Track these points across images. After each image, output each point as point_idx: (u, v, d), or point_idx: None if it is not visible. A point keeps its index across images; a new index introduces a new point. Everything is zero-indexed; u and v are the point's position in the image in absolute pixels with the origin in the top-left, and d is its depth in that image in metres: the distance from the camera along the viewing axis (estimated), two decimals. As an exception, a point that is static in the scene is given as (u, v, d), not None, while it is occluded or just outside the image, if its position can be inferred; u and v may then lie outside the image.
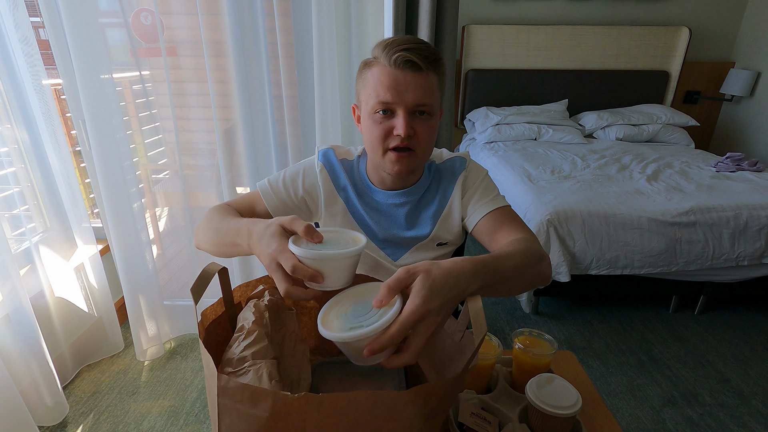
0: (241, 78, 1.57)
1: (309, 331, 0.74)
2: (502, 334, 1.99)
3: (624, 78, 3.12)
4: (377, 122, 0.77)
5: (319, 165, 0.89)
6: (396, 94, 0.74)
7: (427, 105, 0.75)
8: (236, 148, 1.73)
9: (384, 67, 0.74)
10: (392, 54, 0.72)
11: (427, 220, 0.89)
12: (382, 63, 0.74)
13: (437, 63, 0.76)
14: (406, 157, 0.78)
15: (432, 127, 0.79)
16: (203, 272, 0.55)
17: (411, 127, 0.75)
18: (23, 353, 1.40)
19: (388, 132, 0.77)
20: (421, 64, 0.72)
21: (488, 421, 0.65)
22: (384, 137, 0.77)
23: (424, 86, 0.74)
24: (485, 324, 0.50)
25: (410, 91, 0.74)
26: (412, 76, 0.73)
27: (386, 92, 0.74)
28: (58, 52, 1.41)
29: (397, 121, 0.75)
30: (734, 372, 1.78)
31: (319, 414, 0.45)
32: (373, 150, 0.80)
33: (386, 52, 0.73)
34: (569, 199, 1.96)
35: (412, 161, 0.79)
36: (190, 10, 1.53)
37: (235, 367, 0.52)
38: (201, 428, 1.51)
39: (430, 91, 0.75)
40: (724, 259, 1.91)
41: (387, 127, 0.77)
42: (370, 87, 0.76)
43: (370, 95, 0.76)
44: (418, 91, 0.74)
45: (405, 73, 0.73)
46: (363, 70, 0.79)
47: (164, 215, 1.98)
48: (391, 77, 0.74)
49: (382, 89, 0.74)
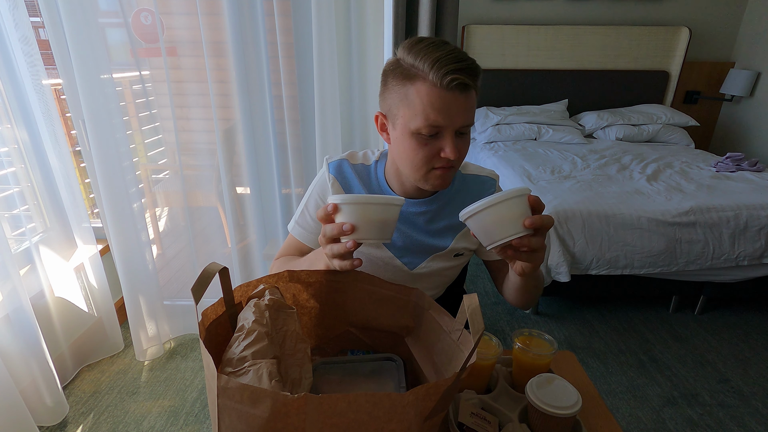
0: (241, 78, 1.57)
1: (309, 330, 0.74)
2: (502, 334, 1.99)
3: (624, 78, 3.12)
4: (422, 144, 0.73)
5: (331, 178, 0.87)
6: (447, 117, 0.70)
7: (470, 124, 0.73)
8: (236, 148, 1.73)
9: (433, 87, 0.68)
10: (443, 74, 0.67)
11: (448, 232, 0.88)
12: (430, 81, 0.68)
13: (479, 77, 0.71)
14: (450, 173, 0.77)
15: (468, 142, 0.77)
16: (204, 272, 0.55)
17: (458, 148, 0.73)
18: (23, 353, 1.40)
19: (435, 154, 0.73)
20: (471, 84, 0.69)
21: (488, 421, 0.65)
22: (430, 159, 0.74)
23: (471, 106, 0.72)
24: (482, 322, 0.50)
25: (461, 114, 0.70)
26: (463, 98, 0.69)
27: (437, 116, 0.69)
28: (58, 52, 1.41)
29: (446, 145, 0.72)
30: (734, 372, 1.78)
31: (319, 415, 0.45)
32: (415, 169, 0.76)
33: (436, 70, 0.67)
34: (569, 199, 1.96)
35: (453, 175, 0.79)
36: (190, 10, 1.53)
37: (235, 367, 0.52)
38: (201, 428, 1.51)
39: (472, 109, 0.73)
40: (724, 259, 1.91)
41: (434, 150, 0.73)
42: (416, 107, 0.70)
43: (416, 115, 0.70)
44: (468, 112, 0.71)
45: (455, 95, 0.69)
46: (403, 84, 0.72)
47: (164, 215, 1.98)
48: (443, 100, 0.69)
49: (433, 112, 0.69)
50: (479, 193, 0.88)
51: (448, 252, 0.88)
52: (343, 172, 0.88)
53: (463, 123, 0.71)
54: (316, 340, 0.76)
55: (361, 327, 0.74)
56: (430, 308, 0.67)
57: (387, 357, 0.71)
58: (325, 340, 0.76)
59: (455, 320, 0.62)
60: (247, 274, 1.89)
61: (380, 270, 0.89)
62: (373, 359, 0.71)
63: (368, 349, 0.77)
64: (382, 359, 0.70)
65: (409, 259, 0.89)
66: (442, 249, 0.88)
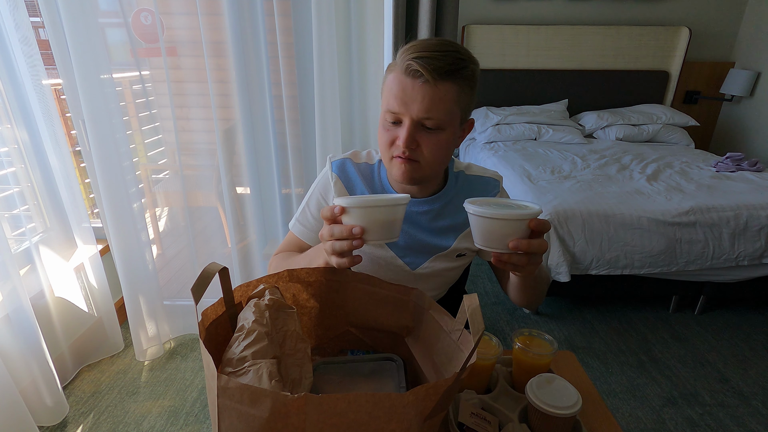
0: (241, 78, 1.57)
1: (309, 330, 0.74)
2: (502, 334, 1.99)
3: (624, 78, 3.12)
4: (385, 129, 0.76)
5: (334, 177, 0.87)
6: (402, 104, 0.71)
7: (434, 119, 0.71)
8: (236, 148, 1.73)
9: (398, 73, 0.71)
10: (405, 60, 0.69)
11: (450, 232, 0.87)
12: (398, 69, 0.71)
13: (456, 73, 0.69)
14: (408, 165, 0.76)
15: (440, 141, 0.74)
16: (204, 272, 0.55)
17: (414, 139, 0.73)
18: (23, 353, 1.40)
19: (394, 140, 0.75)
20: (427, 76, 0.67)
21: (488, 421, 0.65)
22: (389, 144, 0.76)
23: (433, 98, 0.69)
24: (483, 322, 0.51)
25: (417, 103, 0.70)
26: (422, 87, 0.69)
27: (394, 101, 0.71)
28: (58, 52, 1.41)
29: (400, 132, 0.73)
30: (734, 372, 1.78)
31: (319, 415, 0.45)
32: (382, 155, 0.80)
33: (402, 57, 0.70)
34: (569, 199, 1.96)
35: (415, 171, 0.76)
36: (190, 10, 1.53)
37: (235, 367, 0.52)
38: (201, 428, 1.51)
39: (440, 103, 0.70)
40: (724, 259, 1.91)
41: (393, 136, 0.75)
42: (385, 93, 0.75)
43: (384, 101, 0.75)
44: (425, 103, 0.70)
45: (415, 83, 0.69)
46: (385, 75, 0.77)
47: (164, 215, 1.98)
48: (401, 86, 0.70)
49: (392, 98, 0.72)
50: (482, 194, 0.88)
51: (450, 252, 0.88)
52: (346, 172, 0.88)
53: (420, 113, 0.70)
54: (316, 340, 0.76)
55: (361, 327, 0.74)
56: (430, 308, 0.67)
57: (387, 357, 0.71)
58: (325, 340, 0.76)
59: (455, 320, 0.62)
60: (247, 274, 1.89)
61: (382, 270, 0.89)
62: (373, 359, 0.71)
63: (368, 349, 0.77)
64: (382, 359, 0.70)
65: (411, 259, 0.88)
66: (444, 249, 0.87)
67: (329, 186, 0.88)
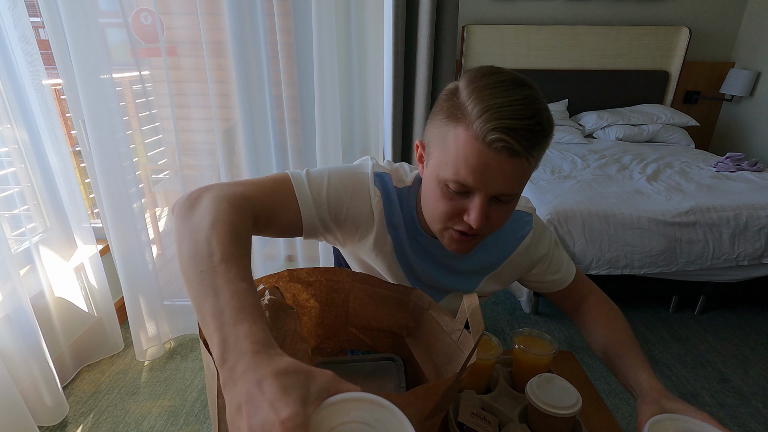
0: (241, 78, 1.57)
1: (309, 330, 0.74)
2: (502, 334, 1.99)
3: (624, 78, 3.12)
4: (446, 197, 0.61)
5: (376, 195, 0.71)
6: (480, 180, 0.57)
7: (513, 194, 0.60)
8: (236, 148, 1.73)
9: (473, 139, 0.55)
10: (489, 128, 0.53)
11: (474, 275, 0.78)
12: (473, 131, 0.55)
13: (543, 141, 0.57)
14: (470, 241, 0.64)
15: (511, 208, 0.63)
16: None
17: (486, 215, 0.60)
18: (23, 353, 1.40)
19: (458, 213, 0.61)
20: (520, 151, 0.54)
21: (488, 421, 0.65)
22: (451, 216, 0.62)
23: (518, 174, 0.57)
24: (483, 322, 0.50)
25: (499, 180, 0.57)
26: (507, 162, 0.55)
27: (468, 174, 0.57)
28: (58, 52, 1.41)
29: (472, 209, 0.59)
30: (734, 372, 1.78)
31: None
32: (433, 221, 0.65)
33: (483, 120, 0.54)
34: (569, 199, 1.96)
35: (474, 244, 0.66)
36: (190, 10, 1.53)
37: None
38: (201, 428, 1.51)
39: (523, 177, 0.58)
40: (724, 259, 1.91)
41: (457, 208, 0.61)
42: (450, 154, 0.58)
43: (447, 163, 0.59)
44: (509, 180, 0.57)
45: (499, 157, 0.55)
46: (446, 122, 0.58)
47: (164, 215, 1.98)
48: (480, 159, 0.55)
49: (464, 169, 0.57)
50: (513, 234, 0.75)
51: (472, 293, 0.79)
52: (387, 191, 0.72)
53: (500, 191, 0.58)
54: (316, 340, 0.76)
55: (361, 327, 0.74)
56: (430, 308, 0.67)
57: (387, 357, 0.71)
58: (325, 340, 0.76)
59: (455, 320, 0.62)
60: (247, 274, 1.89)
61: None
62: (373, 359, 0.71)
63: (368, 349, 0.77)
64: (382, 359, 0.70)
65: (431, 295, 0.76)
66: (464, 291, 0.79)
67: (367, 198, 0.71)
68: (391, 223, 0.73)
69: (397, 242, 0.74)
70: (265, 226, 0.63)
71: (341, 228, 0.72)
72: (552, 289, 0.84)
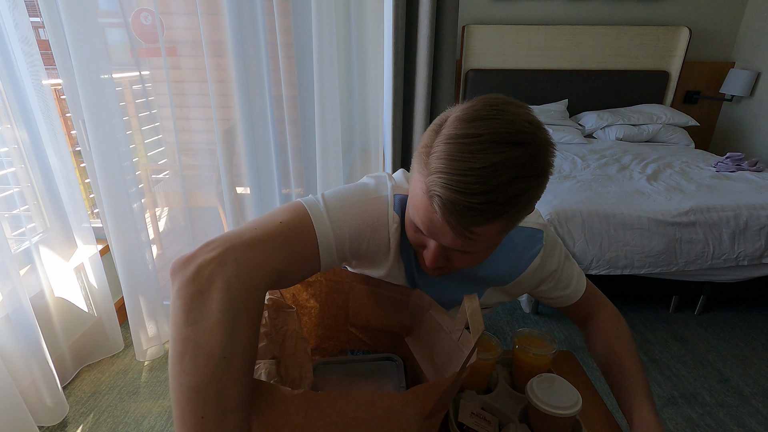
0: (241, 78, 1.57)
1: (309, 330, 0.74)
2: (502, 334, 1.99)
3: (624, 78, 3.12)
4: (412, 229, 0.60)
5: (395, 221, 0.65)
6: (429, 232, 0.56)
7: (471, 252, 0.57)
8: (236, 148, 1.73)
9: (423, 193, 0.53)
10: (433, 195, 0.51)
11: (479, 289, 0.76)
12: (426, 185, 0.52)
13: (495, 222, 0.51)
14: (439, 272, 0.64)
15: (479, 258, 0.60)
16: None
17: (445, 258, 0.59)
18: (23, 353, 1.40)
19: (422, 245, 0.61)
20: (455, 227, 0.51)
21: (488, 421, 0.65)
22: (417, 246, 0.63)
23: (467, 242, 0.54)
24: (483, 322, 0.50)
25: (447, 238, 0.54)
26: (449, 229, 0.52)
27: (420, 223, 0.56)
28: (58, 52, 1.41)
29: (428, 248, 0.59)
30: (734, 372, 1.78)
31: (318, 413, 0.45)
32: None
33: (431, 181, 0.51)
34: (569, 199, 1.96)
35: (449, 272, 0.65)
36: (190, 10, 1.53)
37: None
38: (201, 428, 1.51)
39: (479, 242, 0.54)
40: (724, 259, 1.91)
41: (421, 242, 0.60)
42: (413, 195, 0.57)
43: (411, 202, 0.58)
44: (458, 242, 0.54)
45: (442, 222, 0.52)
46: (418, 161, 0.55)
47: (164, 215, 1.98)
48: (427, 215, 0.53)
49: (417, 217, 0.56)
50: (524, 253, 0.71)
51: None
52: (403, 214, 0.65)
53: (452, 246, 0.56)
54: (316, 340, 0.76)
55: (361, 327, 0.74)
56: (430, 308, 0.67)
57: (387, 357, 0.71)
58: (325, 340, 0.76)
59: (455, 320, 0.62)
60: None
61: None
62: (373, 359, 0.71)
63: (368, 349, 0.77)
64: (382, 359, 0.70)
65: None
66: None
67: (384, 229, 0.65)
68: (405, 245, 0.68)
69: (408, 265, 0.71)
70: (279, 285, 0.57)
71: (359, 260, 0.69)
72: (561, 305, 0.82)
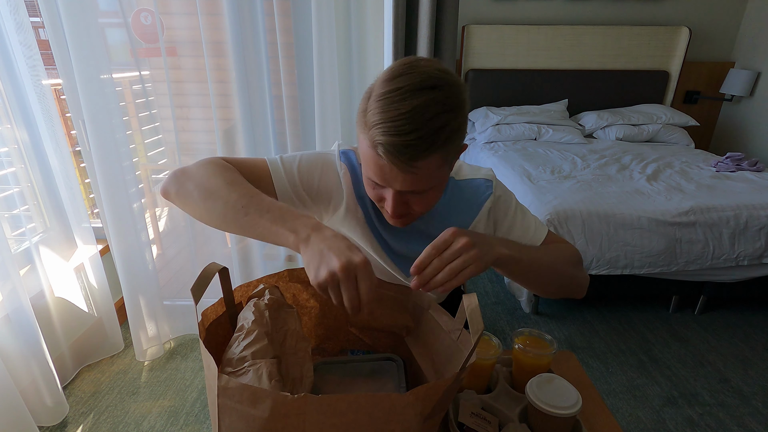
0: (241, 78, 1.57)
1: (309, 330, 0.74)
2: (502, 334, 1.99)
3: (624, 78, 3.12)
4: (371, 186, 0.69)
5: (342, 168, 0.78)
6: (383, 180, 0.64)
7: (421, 189, 0.64)
8: (236, 148, 1.73)
9: (370, 147, 0.61)
10: (376, 144, 0.60)
11: None
12: (370, 140, 0.61)
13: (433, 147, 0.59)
14: (402, 220, 0.71)
15: (432, 197, 0.68)
16: (203, 272, 0.55)
17: (402, 203, 0.67)
18: (23, 353, 1.40)
19: (381, 199, 0.69)
20: (400, 165, 0.60)
21: (488, 421, 0.65)
22: (378, 201, 0.71)
23: (415, 178, 0.62)
24: (482, 321, 0.51)
25: (398, 182, 0.63)
26: (398, 171, 0.61)
27: (374, 175, 0.64)
28: (58, 52, 1.41)
29: (387, 199, 0.67)
30: (734, 372, 1.78)
31: (319, 415, 0.45)
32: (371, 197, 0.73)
33: (372, 134, 0.60)
34: (569, 199, 1.96)
35: (409, 221, 0.72)
36: (190, 10, 1.53)
37: (235, 366, 0.52)
38: (201, 428, 1.51)
39: (424, 178, 0.62)
40: (724, 259, 1.91)
41: (380, 195, 0.68)
42: (363, 154, 0.65)
43: (363, 161, 0.66)
44: (409, 183, 0.62)
45: (391, 166, 0.61)
46: (360, 124, 0.64)
47: (164, 215, 1.98)
48: (377, 165, 0.62)
49: (370, 170, 0.64)
50: (474, 200, 0.80)
51: None
52: (353, 164, 0.79)
53: (405, 189, 0.64)
54: (316, 340, 0.76)
55: (361, 327, 0.74)
56: (429, 308, 0.67)
57: (387, 357, 0.71)
58: (325, 340, 0.76)
59: (455, 320, 0.62)
60: (247, 274, 1.89)
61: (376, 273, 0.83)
62: (373, 359, 0.71)
63: (368, 349, 0.77)
64: (382, 359, 0.70)
65: (405, 266, 0.84)
66: None
67: (335, 172, 0.78)
68: (359, 194, 0.78)
69: (366, 212, 0.79)
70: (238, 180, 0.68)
71: (315, 200, 0.78)
72: None
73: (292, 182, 0.75)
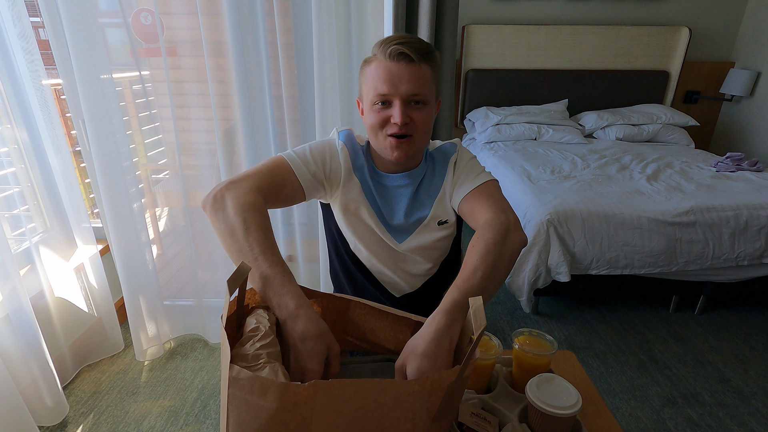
0: (241, 78, 1.57)
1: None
2: (502, 334, 1.99)
3: (624, 78, 3.12)
4: (377, 112, 0.83)
5: (340, 144, 0.92)
6: (392, 85, 0.80)
7: (421, 95, 0.81)
8: (236, 148, 1.73)
9: (381, 61, 0.81)
10: (387, 48, 0.79)
11: (427, 201, 0.95)
12: (379, 58, 0.81)
13: (429, 55, 0.82)
14: (405, 143, 0.84)
15: (428, 114, 0.84)
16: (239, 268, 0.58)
17: (407, 115, 0.81)
18: (23, 353, 1.40)
19: (387, 120, 0.83)
20: (413, 56, 0.79)
21: (488, 421, 0.65)
22: (383, 124, 0.83)
23: (417, 77, 0.80)
24: (485, 318, 0.51)
25: (404, 82, 0.80)
26: (406, 68, 0.79)
27: (383, 84, 0.80)
28: (58, 52, 1.41)
29: (394, 111, 0.81)
30: (734, 372, 1.78)
31: (328, 401, 0.45)
32: (375, 136, 0.86)
33: (382, 47, 0.80)
34: (569, 199, 1.96)
35: (411, 147, 0.85)
36: (190, 10, 1.53)
37: (250, 362, 0.52)
38: (201, 428, 1.51)
39: (423, 81, 0.81)
40: (724, 259, 1.91)
41: (385, 116, 0.83)
42: (369, 81, 0.83)
43: (370, 88, 0.83)
44: (412, 82, 0.80)
45: (399, 65, 0.79)
46: (363, 67, 0.86)
47: (164, 215, 1.98)
48: (387, 70, 0.80)
49: (380, 82, 0.81)
50: (444, 160, 0.95)
51: (430, 220, 0.94)
52: (350, 140, 0.94)
53: (409, 91, 0.80)
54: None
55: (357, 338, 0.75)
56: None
57: (388, 357, 0.71)
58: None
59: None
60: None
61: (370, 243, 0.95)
62: (373, 360, 0.71)
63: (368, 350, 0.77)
64: (383, 360, 0.70)
65: (397, 234, 0.95)
66: (423, 218, 0.94)
67: (336, 151, 0.92)
68: (356, 165, 0.93)
69: (363, 182, 0.93)
70: (275, 200, 0.83)
71: (329, 179, 0.91)
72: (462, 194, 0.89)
73: (311, 170, 0.88)
